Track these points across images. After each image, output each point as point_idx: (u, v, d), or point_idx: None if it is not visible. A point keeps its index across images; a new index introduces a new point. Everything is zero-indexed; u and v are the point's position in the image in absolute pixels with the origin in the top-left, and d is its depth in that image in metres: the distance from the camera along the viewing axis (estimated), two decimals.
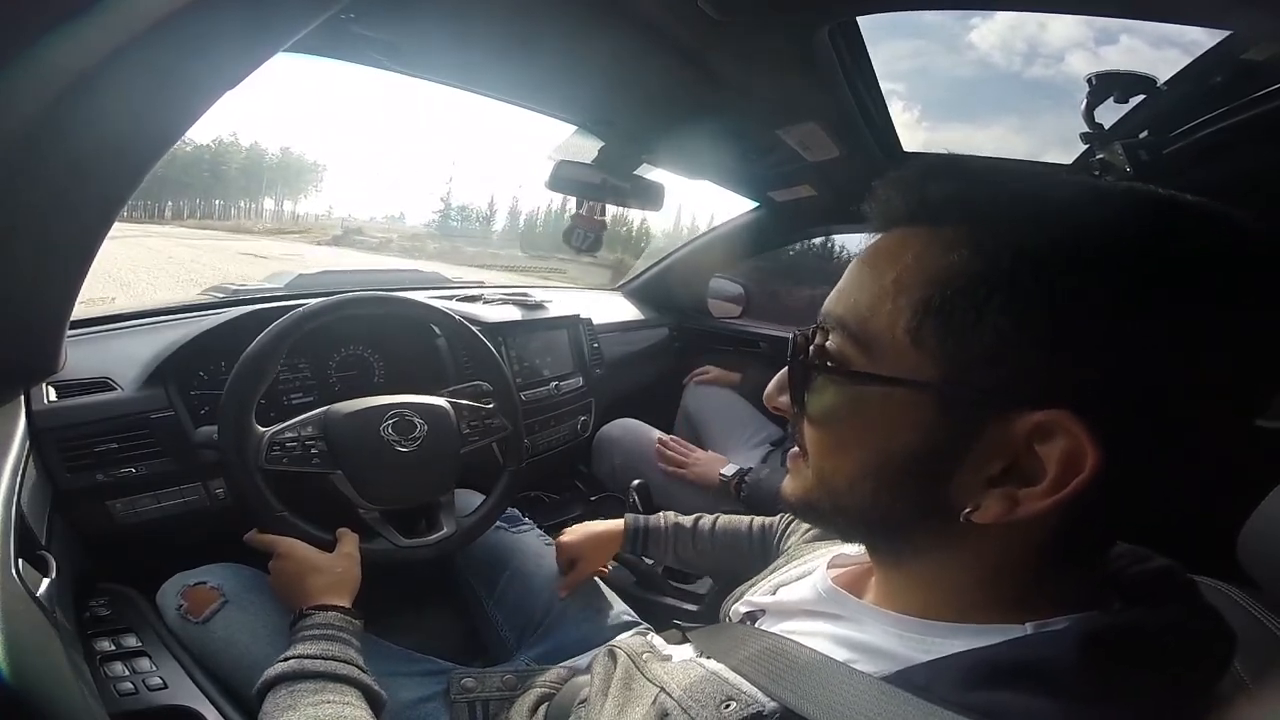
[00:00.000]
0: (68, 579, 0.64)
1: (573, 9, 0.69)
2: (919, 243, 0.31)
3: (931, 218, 0.31)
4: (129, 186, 0.49)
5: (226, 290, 1.26)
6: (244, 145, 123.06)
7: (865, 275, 0.33)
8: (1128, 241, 0.27)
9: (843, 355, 0.32)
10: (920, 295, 0.29)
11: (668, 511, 0.85)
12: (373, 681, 0.55)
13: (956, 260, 0.29)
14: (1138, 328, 0.26)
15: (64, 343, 0.70)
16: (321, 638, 0.56)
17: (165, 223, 74.10)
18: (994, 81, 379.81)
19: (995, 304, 0.27)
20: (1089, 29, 20.00)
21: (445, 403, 0.82)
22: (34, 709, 0.39)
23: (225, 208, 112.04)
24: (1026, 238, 0.28)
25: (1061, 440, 0.27)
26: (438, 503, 0.81)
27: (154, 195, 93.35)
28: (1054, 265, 0.27)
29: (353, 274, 2.53)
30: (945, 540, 0.32)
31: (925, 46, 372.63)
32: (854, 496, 0.33)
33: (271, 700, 0.51)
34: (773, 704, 0.32)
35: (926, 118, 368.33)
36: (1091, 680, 0.27)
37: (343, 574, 0.66)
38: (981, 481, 0.29)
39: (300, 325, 0.74)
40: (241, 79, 0.44)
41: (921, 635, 0.32)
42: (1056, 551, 0.30)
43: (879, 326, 0.31)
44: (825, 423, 0.34)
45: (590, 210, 1.13)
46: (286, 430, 0.71)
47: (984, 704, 0.27)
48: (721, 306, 1.82)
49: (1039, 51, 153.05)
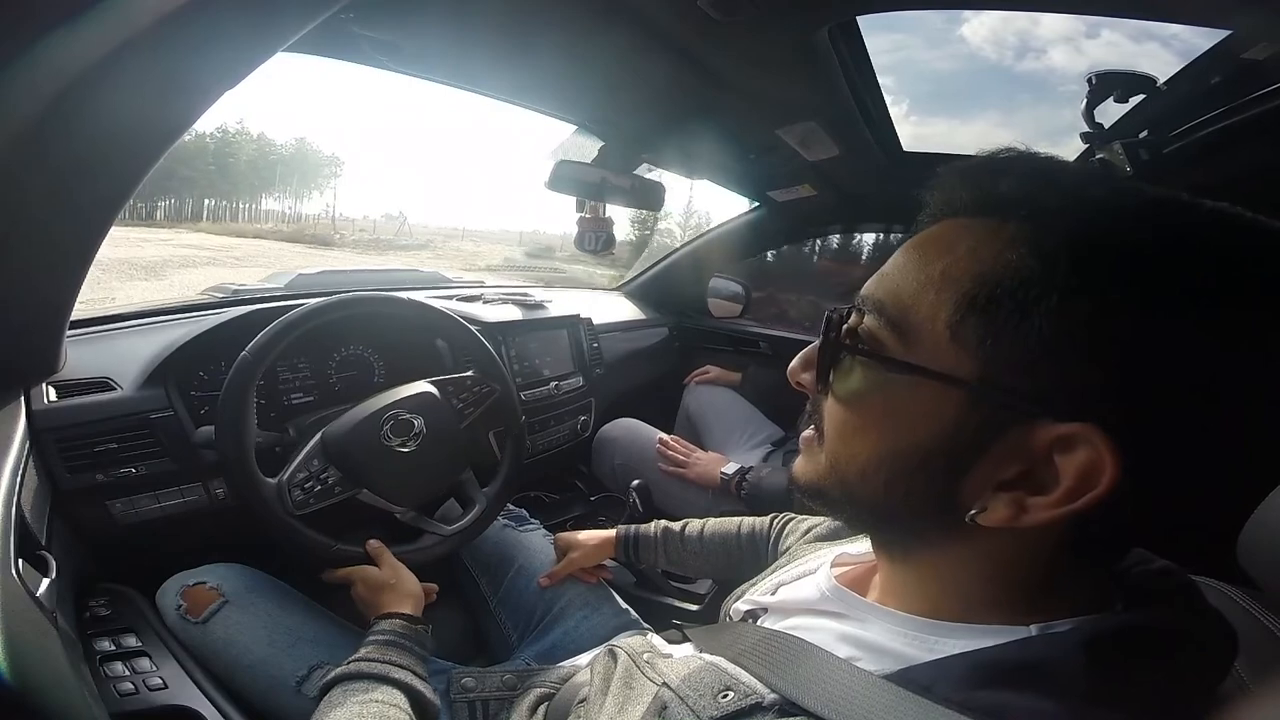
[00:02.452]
0: (68, 579, 0.64)
1: (573, 9, 0.69)
2: (975, 236, 0.30)
3: (995, 212, 0.30)
4: (129, 186, 0.49)
5: (226, 290, 1.27)
6: (312, 147, 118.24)
7: (913, 262, 0.32)
8: (1186, 264, 0.26)
9: (878, 339, 0.32)
10: (968, 289, 0.29)
11: (659, 520, 0.86)
12: (426, 688, 0.56)
13: (1013, 259, 0.28)
14: (1186, 353, 0.25)
15: (64, 343, 0.70)
16: (383, 643, 0.59)
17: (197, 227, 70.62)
18: (980, 75, 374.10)
19: (1044, 308, 0.27)
20: (1080, 24, 19.49)
21: (429, 386, 0.83)
22: (34, 709, 0.39)
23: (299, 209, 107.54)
24: (1088, 245, 0.27)
25: (1082, 454, 0.26)
26: (460, 482, 0.85)
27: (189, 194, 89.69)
28: (1109, 278, 0.26)
29: (353, 274, 2.54)
30: (951, 538, 0.32)
31: (907, 40, 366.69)
32: (865, 486, 0.33)
33: (326, 699, 0.53)
34: (772, 695, 0.32)
35: (914, 112, 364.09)
36: (1094, 682, 0.27)
37: (401, 583, 0.70)
38: (993, 484, 0.29)
39: (300, 325, 0.74)
40: (242, 78, 0.44)
41: (925, 634, 0.32)
42: (1066, 557, 0.30)
43: (920, 316, 0.30)
44: (849, 405, 0.34)
45: (594, 211, 1.13)
46: (296, 471, 0.72)
47: (987, 704, 0.27)
48: (721, 306, 1.82)
49: (1029, 46, 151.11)
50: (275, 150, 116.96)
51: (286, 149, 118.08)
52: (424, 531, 0.79)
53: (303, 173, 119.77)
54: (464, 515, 0.83)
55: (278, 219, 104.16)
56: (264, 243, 42.07)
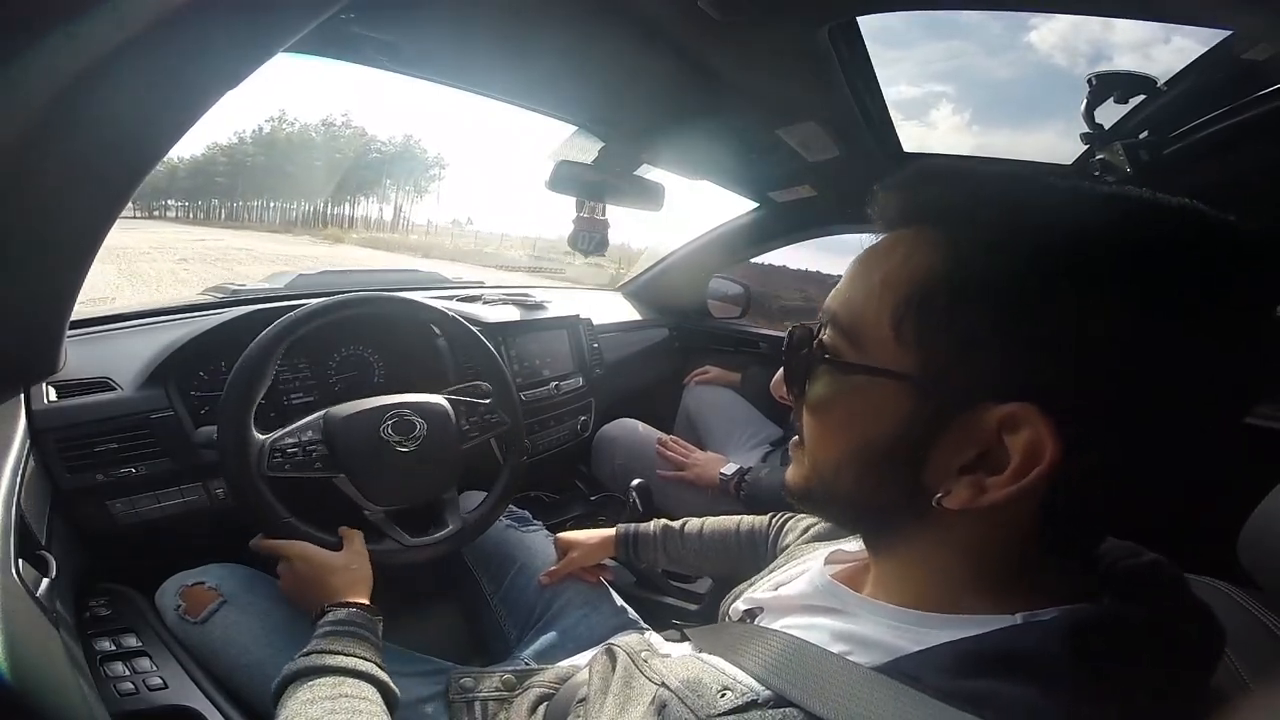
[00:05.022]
0: (68, 579, 0.64)
1: (573, 9, 0.69)
2: (906, 244, 0.33)
3: (920, 220, 0.33)
4: (129, 186, 0.49)
5: (226, 290, 1.26)
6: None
7: (859, 274, 0.35)
8: (1096, 244, 0.28)
9: (835, 348, 0.35)
10: (904, 293, 0.31)
11: (659, 519, 0.86)
12: (388, 678, 0.56)
13: (937, 261, 0.31)
14: (1102, 329, 0.27)
15: (64, 343, 0.70)
16: (342, 634, 0.57)
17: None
18: (1048, 83, 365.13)
19: (966, 303, 0.29)
20: (1159, 31, 19.15)
21: (444, 400, 0.83)
22: (34, 709, 0.39)
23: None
24: (998, 241, 0.30)
25: (1026, 432, 0.28)
26: (442, 500, 0.82)
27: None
28: (1022, 267, 0.28)
29: (353, 274, 2.54)
30: (925, 525, 0.33)
31: (964, 47, 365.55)
32: (841, 482, 0.36)
33: (290, 694, 0.51)
34: (767, 692, 0.32)
35: (976, 121, 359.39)
36: (1077, 670, 0.27)
37: (358, 571, 0.67)
38: (954, 469, 0.31)
39: (300, 325, 0.74)
40: (242, 79, 0.44)
41: (913, 626, 0.33)
42: (1041, 542, 0.31)
43: (867, 322, 0.33)
44: (817, 410, 0.37)
45: (591, 212, 1.13)
46: (287, 436, 0.71)
47: (970, 692, 0.27)
48: (721, 306, 1.82)
49: (1101, 54, 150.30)
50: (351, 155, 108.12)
51: (390, 147, 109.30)
52: (386, 536, 0.76)
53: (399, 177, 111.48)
54: (434, 532, 0.79)
55: (362, 225, 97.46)
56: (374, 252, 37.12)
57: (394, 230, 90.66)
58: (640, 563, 0.86)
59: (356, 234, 67.24)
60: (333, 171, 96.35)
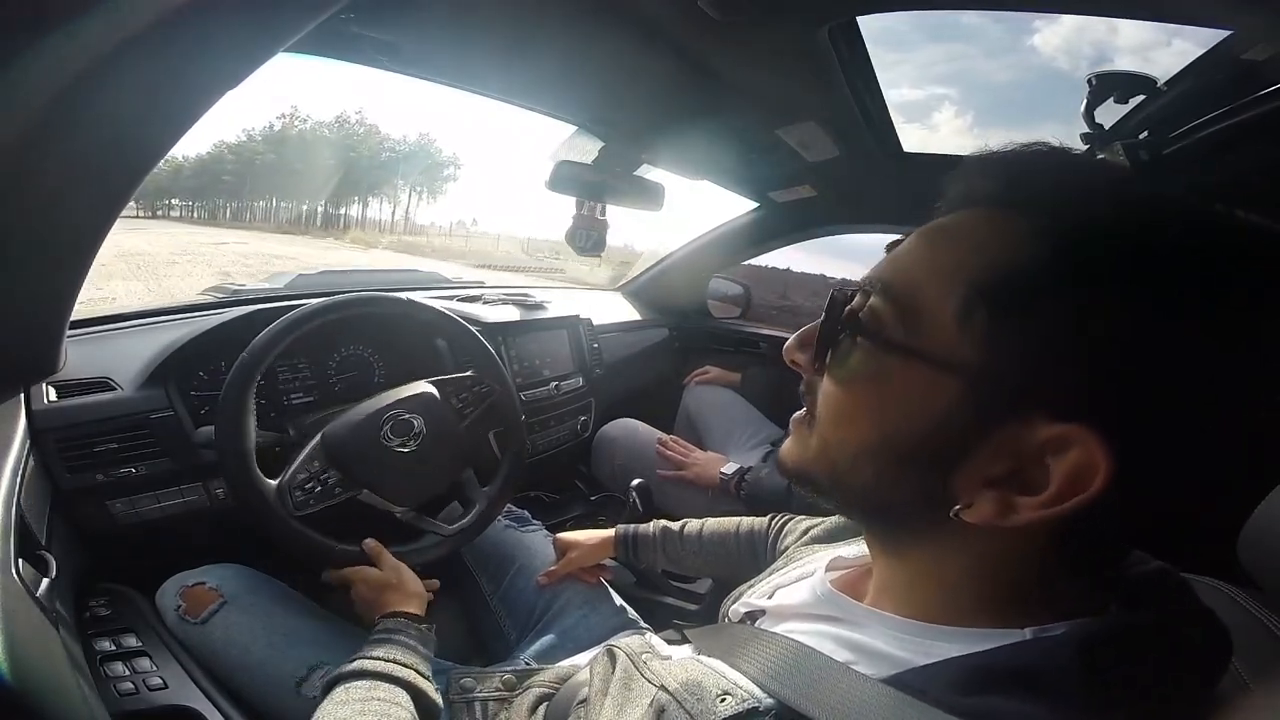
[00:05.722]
0: (68, 579, 0.64)
1: (572, 9, 0.69)
2: (990, 227, 0.30)
3: (1012, 205, 0.30)
4: (130, 186, 0.49)
5: (226, 290, 1.26)
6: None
7: (925, 249, 0.32)
8: (1192, 266, 0.26)
9: (881, 320, 0.31)
10: (977, 279, 0.28)
11: (658, 519, 0.86)
12: (430, 687, 0.56)
13: (1025, 253, 0.28)
14: (1187, 355, 0.25)
15: (64, 343, 0.70)
16: (386, 641, 0.59)
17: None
18: (1050, 86, 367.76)
19: (1050, 305, 0.27)
20: (1160, 33, 19.09)
21: (428, 386, 0.84)
22: (34, 709, 0.39)
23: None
24: (1098, 245, 0.27)
25: (1074, 456, 0.26)
26: (462, 481, 0.85)
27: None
28: (1116, 278, 0.26)
29: (352, 274, 2.54)
30: (939, 534, 0.31)
31: (966, 50, 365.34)
32: (854, 475, 0.33)
33: (330, 696, 0.53)
34: (769, 700, 0.32)
35: (978, 124, 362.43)
36: (1086, 685, 0.27)
37: (403, 582, 0.70)
38: (981, 480, 0.29)
39: (302, 324, 0.74)
40: (242, 79, 0.44)
41: (920, 638, 0.32)
42: (1061, 559, 0.30)
43: (927, 301, 0.30)
44: (844, 387, 0.33)
45: (591, 210, 1.13)
46: (296, 473, 0.72)
47: (979, 709, 0.27)
48: (721, 307, 1.82)
49: (1104, 56, 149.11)
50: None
51: (405, 146, 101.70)
52: (424, 531, 0.79)
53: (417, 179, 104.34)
54: (464, 515, 0.83)
55: (373, 228, 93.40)
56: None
57: (418, 233, 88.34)
58: (639, 564, 0.86)
59: (386, 238, 65.92)
60: (345, 171, 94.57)
